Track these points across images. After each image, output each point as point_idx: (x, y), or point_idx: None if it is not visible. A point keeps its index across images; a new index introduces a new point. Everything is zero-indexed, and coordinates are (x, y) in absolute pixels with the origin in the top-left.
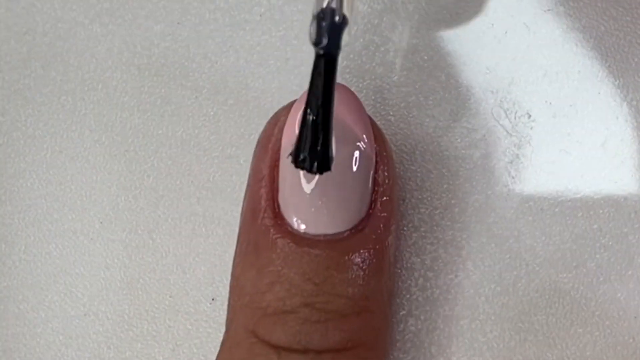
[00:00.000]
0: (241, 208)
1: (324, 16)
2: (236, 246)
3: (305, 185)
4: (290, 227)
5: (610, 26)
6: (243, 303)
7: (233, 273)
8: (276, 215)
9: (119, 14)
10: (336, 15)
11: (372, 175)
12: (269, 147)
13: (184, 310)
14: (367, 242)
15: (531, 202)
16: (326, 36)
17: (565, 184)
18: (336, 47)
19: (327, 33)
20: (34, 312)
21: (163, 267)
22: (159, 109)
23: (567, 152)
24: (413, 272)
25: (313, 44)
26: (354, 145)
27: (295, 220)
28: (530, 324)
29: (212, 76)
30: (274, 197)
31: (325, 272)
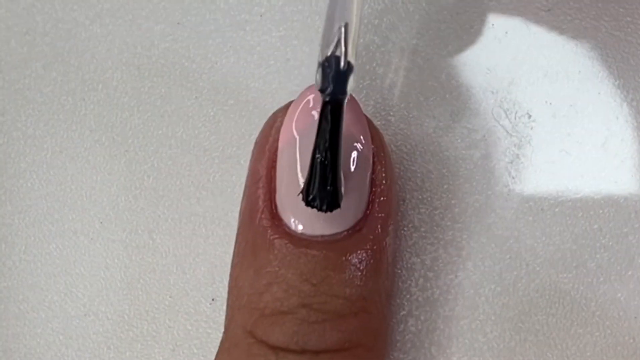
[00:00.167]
0: (239, 209)
1: (329, 64)
2: (234, 247)
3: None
4: (287, 227)
5: (611, 26)
6: (241, 304)
7: (231, 274)
8: (273, 216)
9: (120, 14)
10: (341, 62)
11: (369, 176)
12: (266, 148)
13: (184, 311)
14: (365, 242)
15: (531, 202)
16: (332, 83)
17: (565, 184)
18: (342, 93)
19: (333, 80)
20: (34, 312)
21: (163, 268)
22: (159, 109)
23: (567, 152)
24: (413, 272)
25: (319, 90)
26: (351, 145)
27: (292, 221)
28: (530, 324)
29: (212, 76)
30: (271, 198)
31: (322, 272)
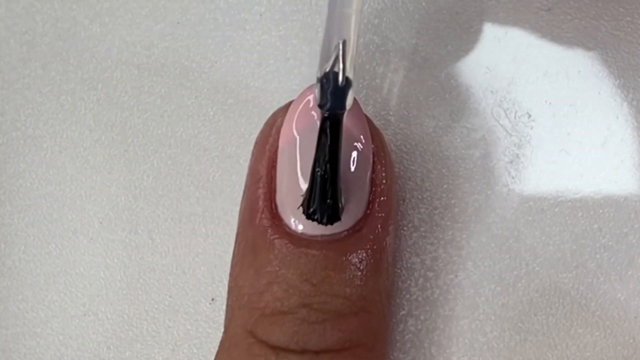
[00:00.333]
0: (239, 208)
1: (327, 80)
2: (234, 247)
3: (303, 186)
4: (287, 227)
5: (611, 26)
6: (241, 303)
7: (231, 273)
8: (274, 215)
9: (119, 13)
10: (339, 78)
11: (369, 176)
12: (266, 148)
13: (184, 311)
14: (365, 242)
15: (531, 202)
16: (330, 99)
17: (565, 183)
18: (341, 108)
19: (332, 95)
20: (34, 312)
21: (162, 267)
22: (158, 109)
23: (567, 152)
24: (413, 272)
25: (318, 106)
26: (351, 145)
27: (292, 220)
28: (530, 324)
29: (212, 76)
30: (271, 198)
31: (322, 272)
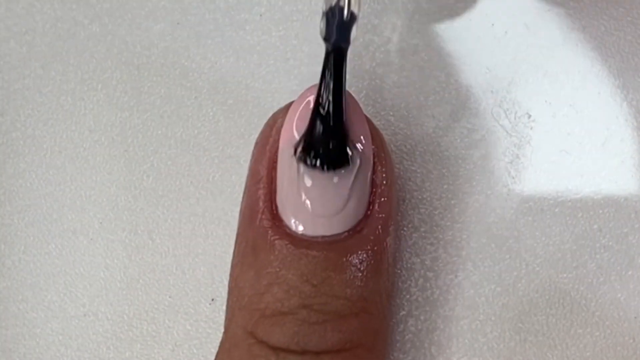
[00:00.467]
0: (239, 209)
1: (332, 14)
2: (234, 247)
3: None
4: (288, 228)
5: (611, 26)
6: (241, 304)
7: (231, 274)
8: (274, 216)
9: (119, 14)
10: (345, 12)
11: (370, 177)
12: (266, 148)
13: (184, 311)
14: (365, 243)
15: (531, 202)
16: (335, 32)
17: (565, 184)
18: (345, 42)
19: (337, 29)
20: (34, 312)
21: (162, 268)
22: (158, 109)
23: (567, 152)
24: (413, 272)
25: (323, 39)
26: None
27: (293, 221)
28: (530, 324)
29: (212, 76)
30: (271, 199)
31: (323, 273)
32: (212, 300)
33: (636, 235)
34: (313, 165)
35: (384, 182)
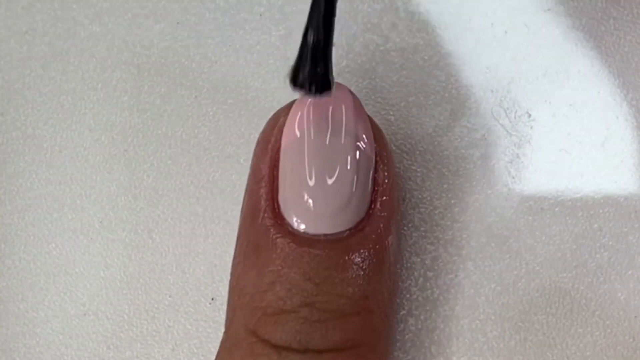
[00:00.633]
0: (241, 208)
1: None
2: (236, 246)
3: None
4: (290, 227)
5: (610, 26)
6: (243, 303)
7: (233, 273)
8: (276, 215)
9: (119, 13)
10: None
11: (371, 175)
12: (268, 147)
13: (184, 310)
14: (367, 242)
15: (531, 202)
16: None
17: (565, 183)
18: None
19: None
20: (34, 311)
21: (162, 267)
22: (158, 109)
23: (567, 152)
24: (413, 271)
25: None
26: (354, 144)
27: (295, 220)
28: (530, 323)
29: (212, 76)
30: (273, 197)
31: (325, 272)
32: (212, 299)
33: (636, 234)
34: (300, 88)
35: (386, 181)
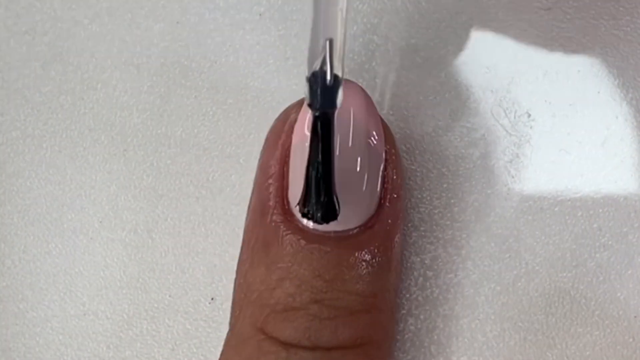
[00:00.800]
0: (248, 205)
1: (315, 79)
2: (242, 243)
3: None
4: (300, 223)
5: (610, 25)
6: (250, 300)
7: (239, 270)
8: (285, 212)
9: (119, 13)
10: (327, 77)
11: (381, 173)
12: (278, 143)
13: (183, 310)
14: (376, 239)
15: (531, 202)
16: (320, 98)
17: (565, 183)
18: (331, 106)
19: (321, 95)
20: (34, 311)
21: (162, 267)
22: (158, 109)
23: (566, 152)
24: (413, 271)
25: (308, 105)
26: (364, 141)
27: None
28: (530, 323)
29: (212, 75)
30: (283, 194)
31: (335, 269)
32: (212, 299)
33: (636, 234)
34: (308, 219)
35: (394, 178)
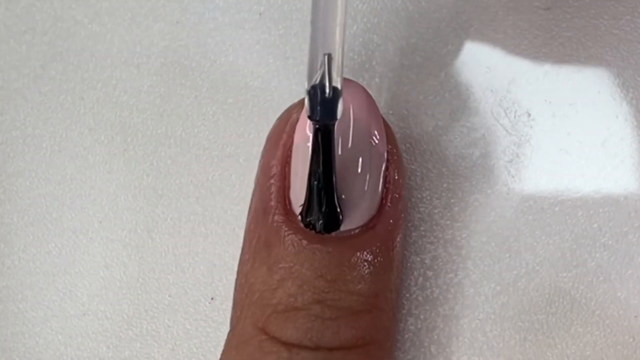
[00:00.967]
0: (248, 205)
1: (314, 92)
2: (243, 243)
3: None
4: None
5: (610, 25)
6: (252, 300)
7: (241, 270)
8: (287, 212)
9: (119, 13)
10: (326, 90)
11: (383, 173)
12: (280, 143)
13: (183, 310)
14: (378, 239)
15: (531, 201)
16: (320, 110)
17: (565, 183)
18: (330, 118)
19: (320, 107)
20: (33, 311)
21: (162, 267)
22: (158, 108)
23: (567, 152)
24: (413, 271)
25: (308, 117)
26: (367, 141)
27: None
28: (530, 323)
29: (212, 75)
30: (285, 194)
31: (337, 269)
32: (212, 299)
33: (636, 234)
34: (310, 229)
35: (396, 177)
